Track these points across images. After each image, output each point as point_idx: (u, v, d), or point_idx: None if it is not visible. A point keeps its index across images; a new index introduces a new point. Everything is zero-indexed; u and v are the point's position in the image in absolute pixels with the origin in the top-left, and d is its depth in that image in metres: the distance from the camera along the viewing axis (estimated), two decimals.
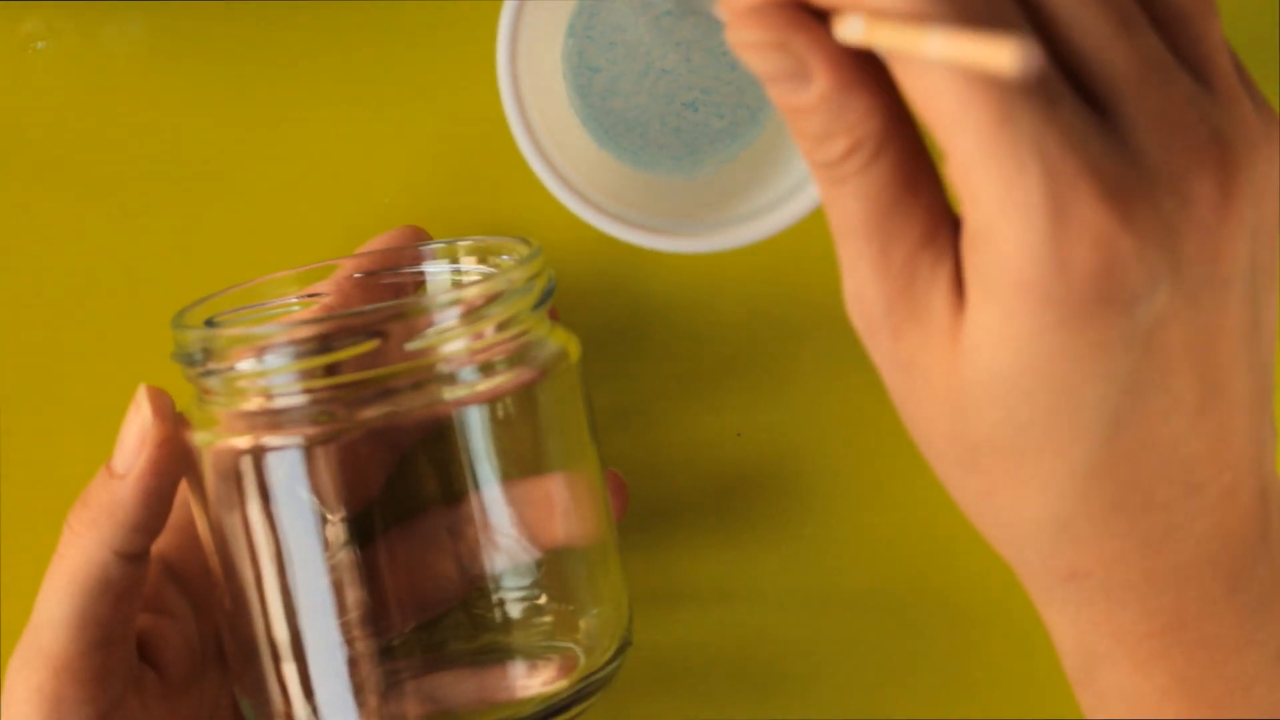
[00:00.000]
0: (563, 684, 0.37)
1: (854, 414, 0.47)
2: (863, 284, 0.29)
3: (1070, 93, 0.26)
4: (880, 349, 0.30)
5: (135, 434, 0.36)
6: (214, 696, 0.39)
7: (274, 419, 0.36)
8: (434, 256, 0.42)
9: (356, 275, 0.42)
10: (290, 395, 0.36)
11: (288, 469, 0.36)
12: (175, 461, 0.37)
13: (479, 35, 0.45)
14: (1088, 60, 0.27)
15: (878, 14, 0.26)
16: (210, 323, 0.40)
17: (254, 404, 0.36)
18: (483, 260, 0.42)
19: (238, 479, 0.36)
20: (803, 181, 0.41)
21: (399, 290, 0.42)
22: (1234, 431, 0.29)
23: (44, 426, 0.45)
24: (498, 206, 0.45)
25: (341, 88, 0.45)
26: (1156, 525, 0.29)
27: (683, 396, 0.46)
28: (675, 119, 0.44)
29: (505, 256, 0.41)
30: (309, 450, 0.36)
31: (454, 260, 0.42)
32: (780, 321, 0.46)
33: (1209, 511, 0.29)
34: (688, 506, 0.47)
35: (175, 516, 0.40)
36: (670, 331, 0.46)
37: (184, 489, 0.38)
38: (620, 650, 0.39)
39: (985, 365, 0.27)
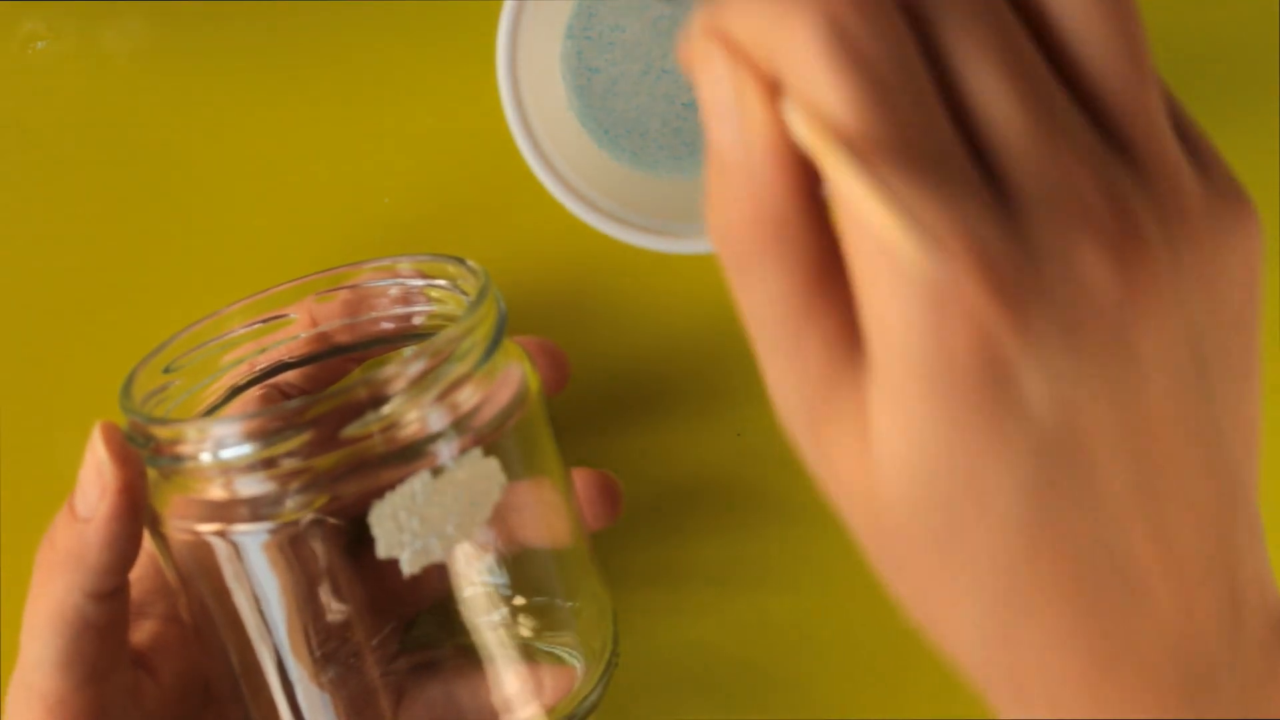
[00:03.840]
0: (553, 702, 0.37)
1: None
2: (780, 382, 0.27)
3: (967, 165, 0.25)
4: (805, 453, 0.28)
5: (94, 479, 0.35)
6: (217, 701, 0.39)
7: (241, 508, 0.34)
8: (382, 275, 0.41)
9: (320, 295, 0.41)
10: (254, 484, 0.34)
11: (260, 551, 0.35)
12: (140, 504, 0.35)
13: (479, 35, 0.45)
14: (989, 132, 0.25)
15: (812, 118, 0.25)
16: (169, 369, 0.39)
17: (217, 492, 0.35)
18: (430, 276, 0.41)
19: (211, 565, 0.35)
20: None
21: (362, 305, 0.41)
22: (1183, 533, 0.26)
23: (44, 426, 0.45)
24: (498, 207, 0.45)
25: (342, 88, 0.45)
26: (1100, 635, 0.26)
27: (683, 396, 0.46)
28: (675, 119, 0.44)
29: (446, 284, 0.40)
30: (282, 532, 0.34)
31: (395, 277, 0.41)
32: None
33: (1161, 620, 0.26)
34: (687, 506, 0.47)
35: None
36: (669, 331, 0.46)
37: None
38: (608, 665, 0.39)
39: (889, 461, 0.26)
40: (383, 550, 0.34)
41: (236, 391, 0.41)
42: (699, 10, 0.27)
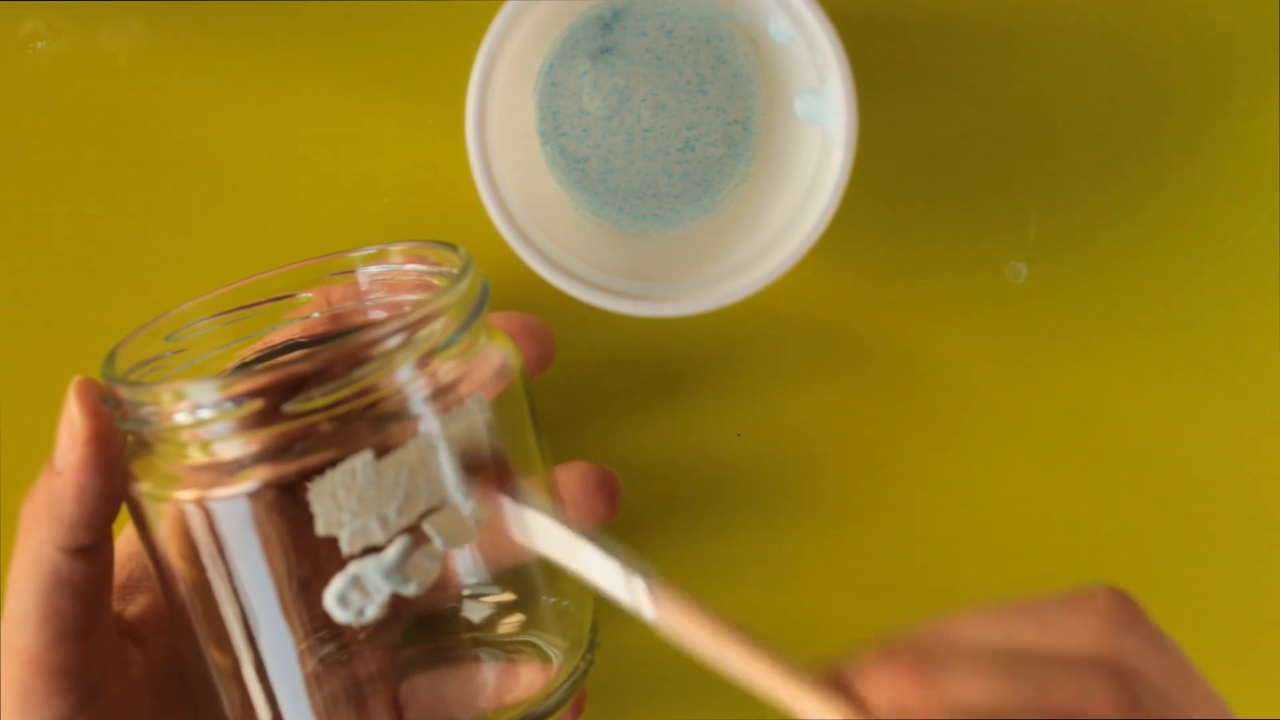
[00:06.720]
0: (532, 693, 0.37)
1: (853, 415, 0.47)
2: None
3: None
4: None
5: (66, 432, 0.36)
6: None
7: (218, 471, 0.34)
8: (367, 262, 0.41)
9: (330, 276, 0.41)
10: (231, 446, 0.34)
11: (238, 518, 0.34)
12: (111, 456, 0.35)
13: (481, 37, 0.45)
14: None
15: None
16: (169, 337, 0.39)
17: (194, 457, 0.34)
18: (421, 260, 0.41)
19: (186, 532, 0.35)
20: (810, 196, 0.41)
21: (362, 292, 0.41)
22: None
23: (44, 426, 0.45)
24: None
25: (341, 88, 0.45)
26: None
27: (683, 396, 0.46)
28: (677, 166, 0.44)
29: (439, 269, 0.40)
30: (259, 496, 0.34)
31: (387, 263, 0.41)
32: (780, 322, 0.46)
33: None
34: (686, 507, 0.47)
35: None
36: (669, 331, 0.46)
37: None
38: (588, 649, 0.39)
39: None
40: (321, 528, 0.33)
41: (244, 368, 0.41)
42: None
